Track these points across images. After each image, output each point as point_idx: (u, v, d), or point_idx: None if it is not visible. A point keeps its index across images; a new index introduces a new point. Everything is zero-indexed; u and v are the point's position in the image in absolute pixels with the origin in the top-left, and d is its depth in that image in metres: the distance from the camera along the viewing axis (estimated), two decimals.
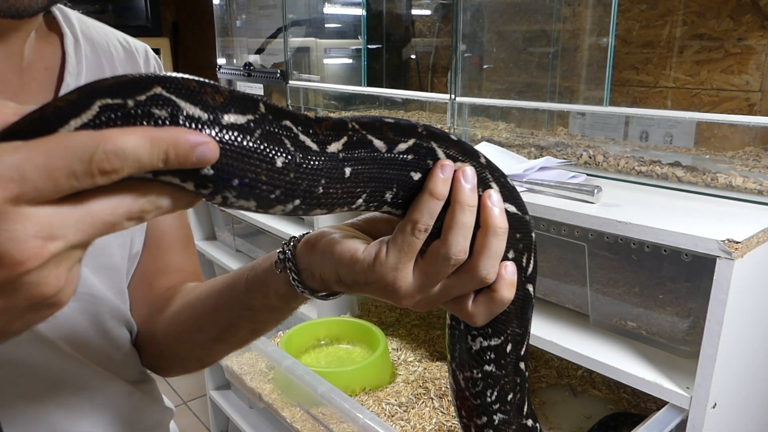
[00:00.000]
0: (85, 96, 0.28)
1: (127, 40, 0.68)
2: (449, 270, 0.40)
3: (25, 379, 0.52)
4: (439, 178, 0.37)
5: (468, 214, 0.38)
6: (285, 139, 0.32)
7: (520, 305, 0.48)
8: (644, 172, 1.07)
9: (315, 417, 1.02)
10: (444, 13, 1.89)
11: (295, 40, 2.01)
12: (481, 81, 1.47)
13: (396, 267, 0.39)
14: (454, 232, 0.38)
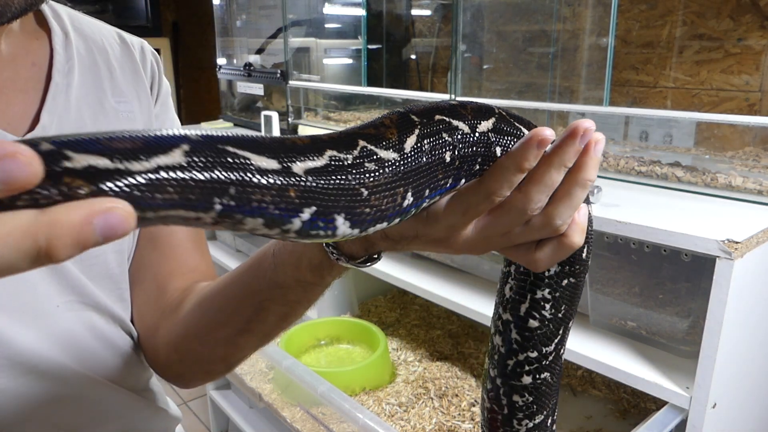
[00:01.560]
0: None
1: (122, 35, 0.66)
2: (521, 223, 0.36)
3: (23, 394, 0.51)
4: (532, 151, 0.33)
5: (561, 173, 0.35)
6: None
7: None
8: (644, 172, 1.07)
9: (315, 417, 1.02)
10: (444, 13, 1.89)
11: (295, 40, 2.01)
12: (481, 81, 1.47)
13: (455, 226, 0.36)
14: (539, 189, 0.34)
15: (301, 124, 1.97)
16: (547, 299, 0.44)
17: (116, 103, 0.61)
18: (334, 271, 0.46)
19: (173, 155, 0.24)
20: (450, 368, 1.25)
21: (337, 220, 0.28)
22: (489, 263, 1.18)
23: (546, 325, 0.45)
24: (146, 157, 0.23)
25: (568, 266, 0.43)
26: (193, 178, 0.24)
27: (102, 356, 0.57)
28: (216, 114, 2.49)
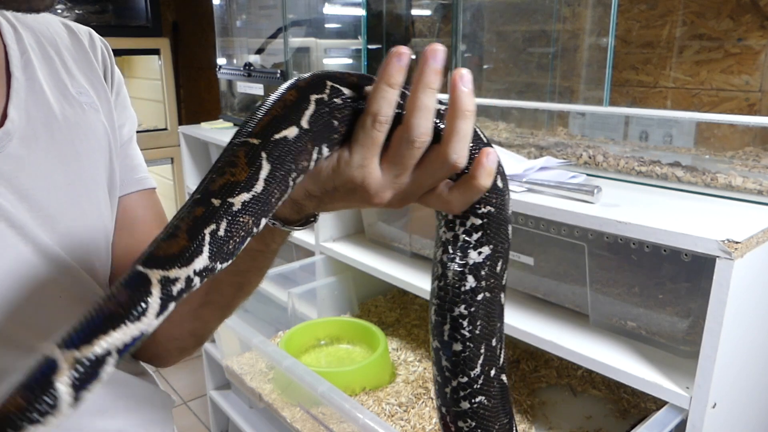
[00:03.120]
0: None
1: (68, 24, 0.64)
2: (415, 154, 0.39)
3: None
4: (394, 65, 0.38)
5: (429, 96, 0.38)
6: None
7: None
8: (644, 172, 1.07)
9: (315, 417, 1.02)
10: (444, 13, 1.89)
11: (295, 40, 2.01)
12: (481, 81, 1.47)
13: (362, 164, 0.39)
14: (416, 115, 0.37)
15: None
16: (463, 315, 0.46)
17: (77, 94, 0.60)
18: (276, 236, 0.48)
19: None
20: None
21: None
22: None
23: (468, 347, 0.46)
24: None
25: (485, 281, 0.45)
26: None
27: None
28: (216, 114, 2.49)
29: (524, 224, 1.07)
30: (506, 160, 1.19)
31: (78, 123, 0.59)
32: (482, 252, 0.45)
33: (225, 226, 0.34)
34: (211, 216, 0.34)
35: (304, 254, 1.60)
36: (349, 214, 1.54)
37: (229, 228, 0.35)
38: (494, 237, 0.46)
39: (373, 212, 1.46)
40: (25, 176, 0.52)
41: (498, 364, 0.49)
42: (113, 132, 0.64)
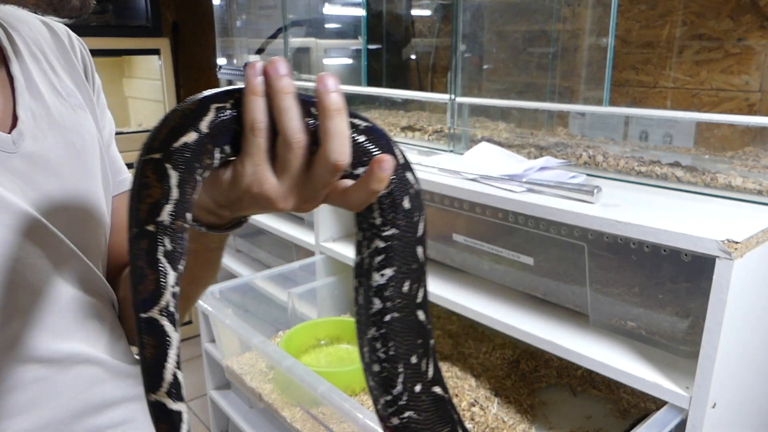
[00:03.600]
0: None
1: (47, 22, 0.64)
2: (297, 156, 0.41)
3: (36, 380, 0.53)
4: (250, 75, 0.41)
5: (286, 98, 0.41)
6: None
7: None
8: (644, 172, 1.07)
9: (315, 417, 1.02)
10: (444, 13, 1.89)
11: (295, 40, 2.01)
12: (481, 81, 1.47)
13: (254, 172, 0.41)
14: (283, 118, 0.40)
15: None
16: (375, 337, 0.47)
17: (66, 95, 0.61)
18: (212, 238, 0.50)
19: None
20: (450, 368, 1.25)
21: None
22: (489, 263, 1.18)
23: (385, 367, 0.48)
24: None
25: (389, 302, 0.47)
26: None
27: (106, 335, 0.60)
28: None
29: (524, 224, 1.07)
30: (506, 159, 1.20)
31: (73, 123, 0.60)
32: (385, 274, 0.47)
33: (169, 240, 0.40)
34: (155, 241, 0.40)
35: (304, 254, 1.60)
36: (349, 215, 1.54)
37: (172, 238, 0.40)
38: (398, 259, 0.47)
39: None
40: (38, 173, 0.54)
41: (425, 378, 0.49)
42: (100, 132, 0.65)
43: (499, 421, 1.09)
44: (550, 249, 1.05)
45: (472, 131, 1.38)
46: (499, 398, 1.16)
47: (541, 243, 1.07)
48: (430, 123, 1.53)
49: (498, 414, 1.11)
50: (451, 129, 1.39)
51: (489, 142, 1.30)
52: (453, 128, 1.39)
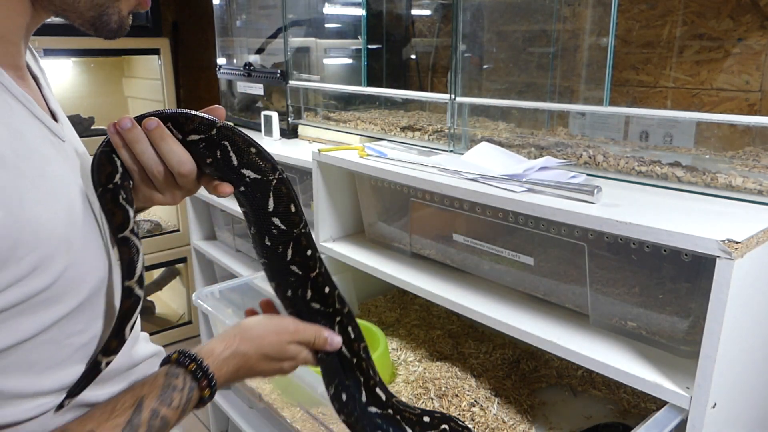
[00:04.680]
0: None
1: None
2: (161, 175, 0.60)
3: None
4: (110, 135, 0.58)
5: (136, 146, 0.58)
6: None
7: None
8: (644, 172, 1.07)
9: (315, 417, 1.02)
10: (444, 13, 1.89)
11: (295, 40, 2.01)
12: (481, 81, 1.47)
13: (144, 192, 0.63)
14: (142, 158, 0.59)
15: (301, 124, 1.97)
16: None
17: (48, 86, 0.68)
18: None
19: None
20: (450, 368, 1.25)
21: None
22: (489, 263, 1.18)
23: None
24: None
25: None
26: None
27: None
28: None
29: (524, 224, 1.07)
30: (506, 159, 1.19)
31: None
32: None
33: (123, 192, 0.60)
34: (116, 193, 0.60)
35: None
36: (349, 214, 1.54)
37: (125, 190, 0.60)
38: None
39: (374, 212, 1.46)
40: (78, 161, 0.61)
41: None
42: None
43: (499, 421, 1.09)
44: (550, 249, 1.05)
45: (472, 131, 1.38)
46: (499, 398, 1.16)
47: (541, 243, 1.07)
48: (430, 123, 1.53)
49: (498, 414, 1.11)
50: (451, 129, 1.39)
51: (489, 142, 1.30)
52: (453, 128, 1.39)
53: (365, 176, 1.37)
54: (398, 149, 1.45)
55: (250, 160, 0.64)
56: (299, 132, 1.98)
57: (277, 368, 0.67)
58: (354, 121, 1.73)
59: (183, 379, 0.57)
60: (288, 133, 1.98)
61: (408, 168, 1.22)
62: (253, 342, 0.63)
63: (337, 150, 1.43)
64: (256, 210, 0.65)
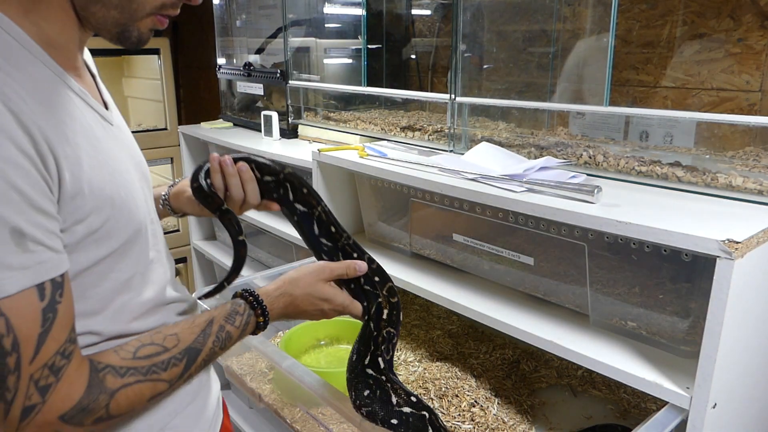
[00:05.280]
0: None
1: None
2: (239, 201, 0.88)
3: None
4: (213, 161, 0.87)
5: (232, 179, 0.86)
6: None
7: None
8: (644, 172, 1.07)
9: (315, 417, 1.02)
10: (444, 13, 1.89)
11: (295, 40, 2.01)
12: (481, 81, 1.47)
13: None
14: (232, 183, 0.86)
15: (301, 124, 1.97)
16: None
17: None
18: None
19: None
20: (450, 368, 1.25)
21: None
22: (489, 263, 1.18)
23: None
24: None
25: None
26: None
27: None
28: (216, 114, 2.49)
29: (524, 224, 1.07)
30: (506, 159, 1.19)
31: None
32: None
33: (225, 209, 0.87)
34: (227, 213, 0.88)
35: (304, 254, 1.60)
36: (349, 214, 1.54)
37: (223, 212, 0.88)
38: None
39: (374, 212, 1.46)
40: (126, 144, 0.74)
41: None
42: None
43: (499, 421, 1.09)
44: (550, 249, 1.05)
45: (472, 131, 1.38)
46: (499, 398, 1.16)
47: (541, 243, 1.06)
48: (430, 123, 1.53)
49: (498, 414, 1.11)
50: (451, 129, 1.39)
51: (489, 142, 1.30)
52: (453, 128, 1.39)
53: (365, 176, 1.37)
54: (398, 149, 1.45)
55: (302, 198, 0.88)
56: (299, 132, 1.98)
57: (318, 309, 0.82)
58: (354, 121, 1.73)
59: (243, 307, 0.76)
60: (288, 133, 1.98)
61: (408, 168, 1.22)
62: (297, 284, 0.81)
63: (337, 150, 1.43)
64: (307, 234, 0.89)
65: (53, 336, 0.56)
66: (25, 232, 0.54)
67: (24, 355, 0.54)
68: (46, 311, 0.56)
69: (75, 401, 0.58)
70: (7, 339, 0.53)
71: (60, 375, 0.57)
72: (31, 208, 0.54)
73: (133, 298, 0.70)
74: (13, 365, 0.54)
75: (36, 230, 0.55)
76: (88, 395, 0.58)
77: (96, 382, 0.60)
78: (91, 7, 0.62)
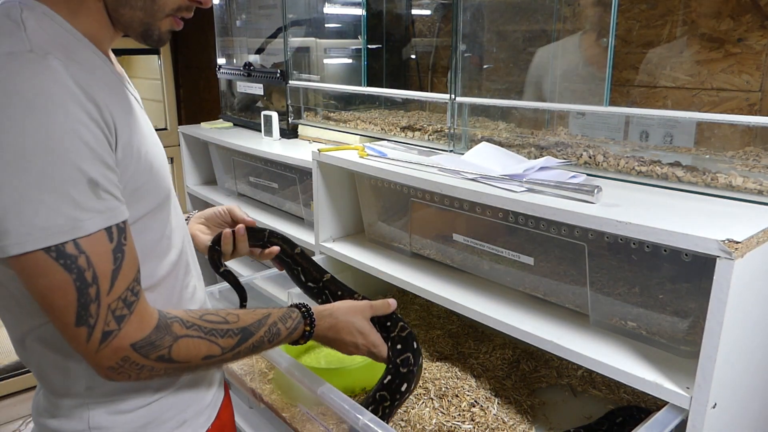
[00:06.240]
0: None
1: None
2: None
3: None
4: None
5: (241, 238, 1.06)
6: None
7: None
8: (644, 172, 1.07)
9: (315, 417, 1.02)
10: (444, 13, 1.89)
11: (295, 40, 2.01)
12: (481, 81, 1.47)
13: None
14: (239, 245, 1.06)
15: (301, 124, 1.97)
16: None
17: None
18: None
19: None
20: (450, 368, 1.25)
21: None
22: (489, 263, 1.18)
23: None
24: None
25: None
26: None
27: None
28: (216, 114, 2.49)
29: (524, 224, 1.07)
30: (506, 159, 1.19)
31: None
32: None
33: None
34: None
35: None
36: (349, 214, 1.54)
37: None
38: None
39: (374, 212, 1.46)
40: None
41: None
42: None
43: (499, 421, 1.09)
44: (550, 249, 1.05)
45: (472, 131, 1.38)
46: (499, 398, 1.16)
47: (541, 243, 1.06)
48: (430, 123, 1.53)
49: (498, 414, 1.11)
50: (451, 129, 1.39)
51: (489, 142, 1.30)
52: (453, 128, 1.39)
53: (365, 176, 1.37)
54: (398, 149, 1.45)
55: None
56: (299, 132, 1.98)
57: (353, 341, 0.92)
58: (354, 121, 1.73)
59: (296, 314, 0.88)
60: (288, 133, 1.98)
61: (408, 168, 1.22)
62: (343, 311, 0.92)
63: (337, 150, 1.43)
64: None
65: (123, 274, 0.66)
66: (99, 182, 0.63)
67: (102, 288, 0.64)
68: (115, 251, 0.65)
69: (145, 334, 0.67)
70: (88, 273, 0.62)
71: (132, 308, 0.66)
72: (100, 163, 0.64)
73: (163, 257, 0.79)
74: (94, 295, 0.63)
75: (105, 181, 0.64)
76: (156, 332, 0.68)
77: (164, 324, 0.70)
78: (120, 9, 0.72)
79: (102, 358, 0.66)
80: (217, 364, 0.78)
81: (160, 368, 0.70)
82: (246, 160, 2.01)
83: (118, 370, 0.67)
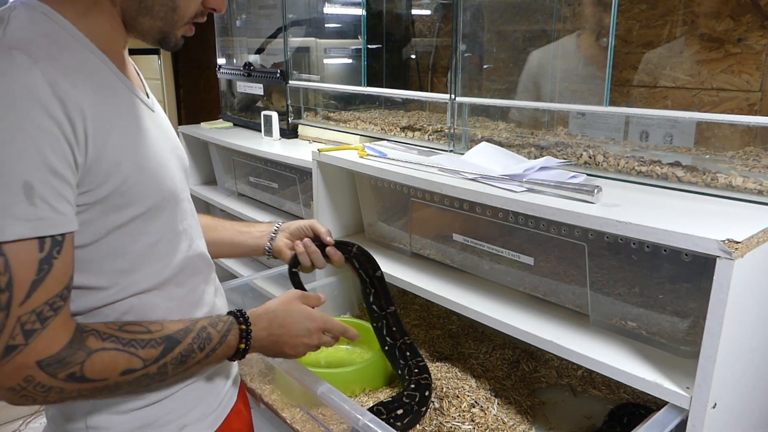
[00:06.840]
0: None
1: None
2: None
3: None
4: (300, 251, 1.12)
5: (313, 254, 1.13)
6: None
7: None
8: (644, 172, 1.07)
9: (315, 417, 1.02)
10: (444, 13, 1.89)
11: (295, 40, 2.01)
12: (481, 81, 1.47)
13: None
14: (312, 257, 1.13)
15: (301, 124, 1.97)
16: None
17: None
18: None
19: None
20: (450, 368, 1.25)
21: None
22: (489, 263, 1.18)
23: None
24: None
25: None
26: None
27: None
28: (216, 114, 2.49)
29: (524, 224, 1.07)
30: (506, 159, 1.19)
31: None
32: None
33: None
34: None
35: None
36: (349, 214, 1.54)
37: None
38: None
39: (374, 212, 1.46)
40: (164, 130, 0.82)
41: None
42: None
43: (499, 422, 1.09)
44: (550, 249, 1.05)
45: (472, 131, 1.38)
46: (499, 399, 1.16)
47: (541, 243, 1.06)
48: (430, 123, 1.53)
49: (498, 415, 1.11)
50: (451, 129, 1.39)
51: (489, 142, 1.30)
52: (453, 128, 1.39)
53: (365, 176, 1.37)
54: (398, 149, 1.45)
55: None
56: (299, 132, 1.98)
57: (304, 326, 0.88)
58: (354, 121, 1.73)
59: (227, 317, 0.82)
60: (288, 133, 1.98)
61: (408, 168, 1.22)
62: (274, 303, 0.89)
63: (337, 150, 1.43)
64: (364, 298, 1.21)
65: (45, 286, 0.61)
66: (36, 188, 0.59)
67: (16, 296, 0.59)
68: (42, 262, 0.60)
69: (54, 351, 0.62)
70: (3, 277, 0.58)
71: (46, 324, 0.61)
72: (47, 170, 0.60)
73: (164, 261, 0.77)
74: (4, 303, 0.59)
75: (45, 189, 0.60)
76: (68, 348, 0.63)
77: (78, 339, 0.64)
78: (139, 18, 0.72)
79: (1, 377, 0.59)
80: (143, 381, 0.70)
81: (71, 389, 0.64)
82: (246, 160, 2.01)
83: (21, 392, 0.61)
